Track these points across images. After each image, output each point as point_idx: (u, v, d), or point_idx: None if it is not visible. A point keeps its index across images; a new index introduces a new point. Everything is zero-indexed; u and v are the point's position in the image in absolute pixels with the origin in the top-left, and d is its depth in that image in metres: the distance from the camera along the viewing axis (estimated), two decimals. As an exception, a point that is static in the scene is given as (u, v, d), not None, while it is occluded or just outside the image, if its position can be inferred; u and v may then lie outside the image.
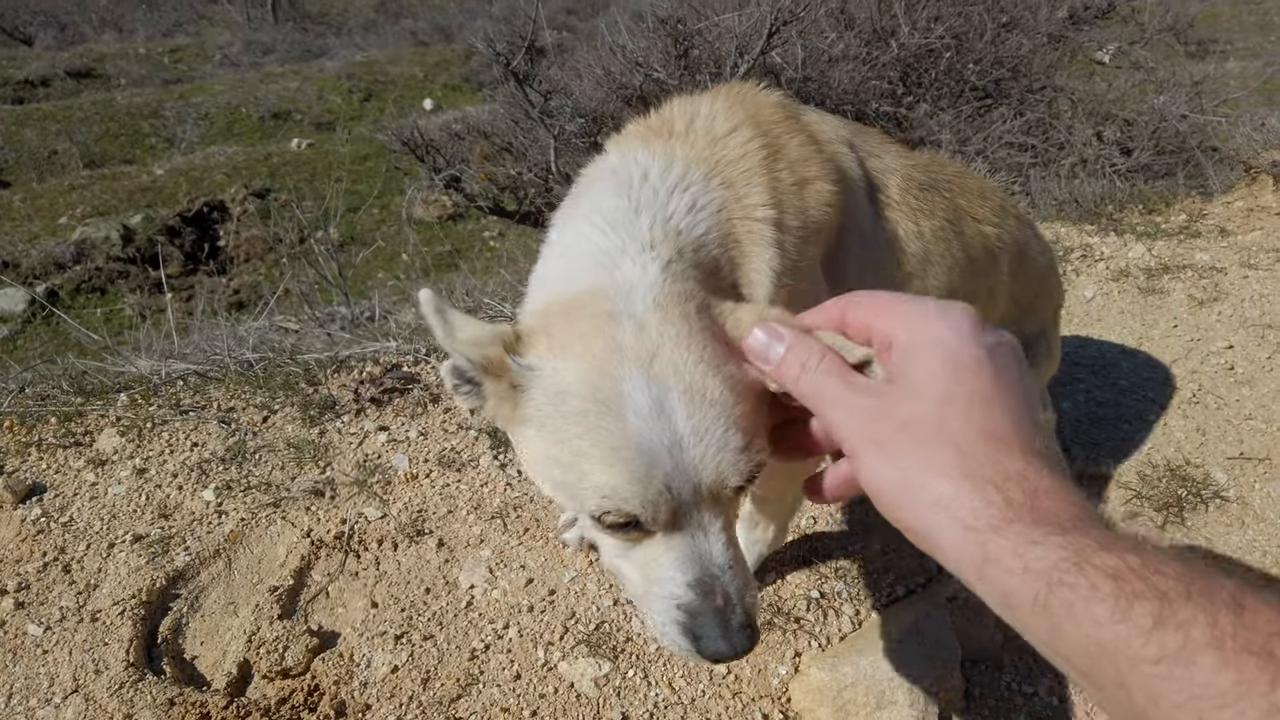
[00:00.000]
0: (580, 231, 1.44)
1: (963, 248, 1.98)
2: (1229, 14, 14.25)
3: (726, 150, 1.58)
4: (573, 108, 6.06)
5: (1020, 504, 0.71)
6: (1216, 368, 2.95)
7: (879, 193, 1.84)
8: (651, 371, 1.17)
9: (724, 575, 1.24)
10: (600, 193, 1.50)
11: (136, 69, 16.44)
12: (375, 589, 2.23)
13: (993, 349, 0.83)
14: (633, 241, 1.38)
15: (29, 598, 2.13)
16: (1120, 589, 0.61)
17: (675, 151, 1.55)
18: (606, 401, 1.17)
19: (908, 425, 0.79)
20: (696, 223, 1.45)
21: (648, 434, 1.16)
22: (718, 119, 1.63)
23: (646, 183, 1.49)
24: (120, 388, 2.89)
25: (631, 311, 1.23)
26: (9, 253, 8.68)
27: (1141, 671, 0.58)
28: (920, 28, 6.96)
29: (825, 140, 1.75)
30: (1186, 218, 3.92)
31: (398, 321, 3.79)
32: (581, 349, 1.20)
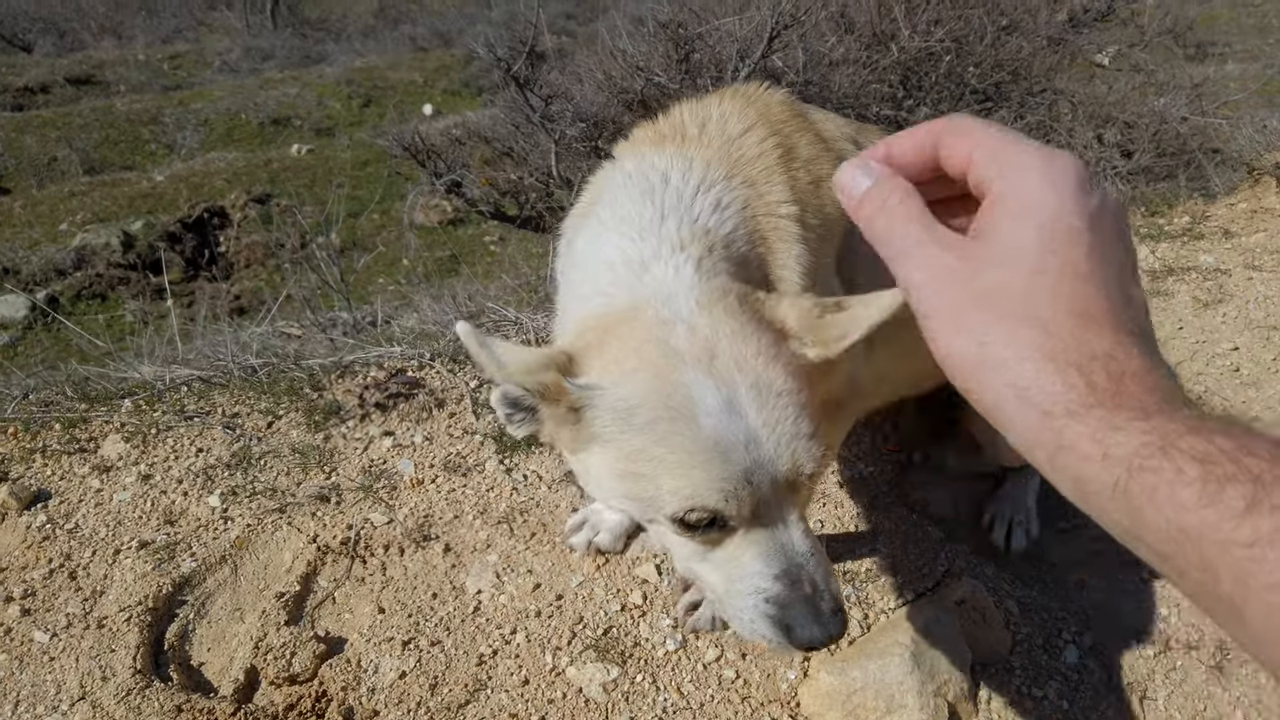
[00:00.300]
0: (606, 240, 1.44)
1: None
2: (1227, 17, 14.26)
3: (743, 150, 1.58)
4: (574, 112, 6.06)
5: (1104, 388, 0.66)
6: (1222, 369, 2.95)
7: None
8: (715, 371, 1.19)
9: (808, 564, 1.27)
10: (621, 200, 1.50)
11: (136, 75, 16.43)
12: (382, 595, 2.22)
13: (1095, 215, 0.74)
14: (663, 245, 1.38)
15: (35, 604, 2.12)
16: (1209, 472, 0.58)
17: (693, 154, 1.55)
18: (678, 408, 1.18)
19: (991, 294, 0.72)
20: (724, 220, 1.46)
21: (723, 432, 1.17)
22: (730, 120, 1.63)
23: (669, 186, 1.49)
24: (124, 394, 2.89)
25: (678, 316, 1.25)
26: (9, 259, 8.67)
27: (1232, 555, 0.56)
28: (920, 31, 6.96)
29: (831, 138, 1.77)
30: (1190, 219, 3.92)
31: (401, 327, 3.79)
32: (638, 361, 1.22)
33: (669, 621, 2.15)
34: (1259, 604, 0.55)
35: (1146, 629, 2.17)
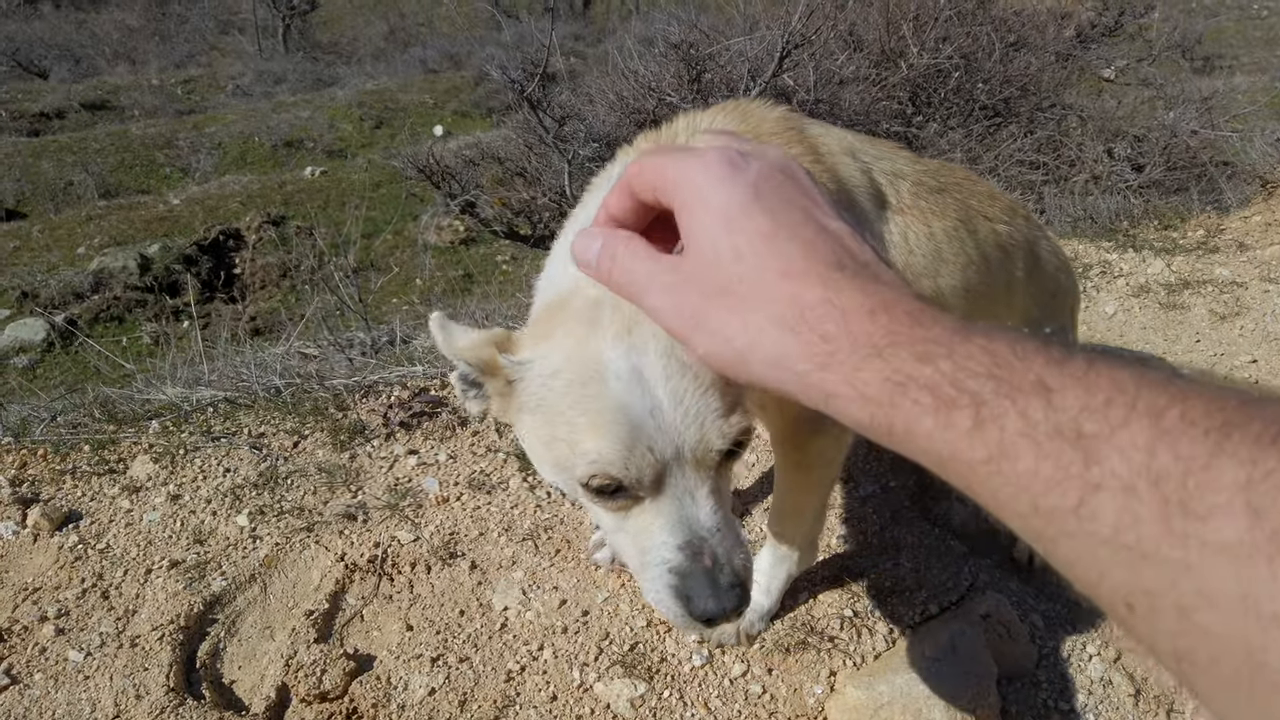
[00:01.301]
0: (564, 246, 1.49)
1: (976, 245, 2.01)
2: (1234, 30, 14.30)
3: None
4: (586, 132, 6.12)
5: (835, 333, 0.68)
6: (1241, 382, 2.95)
7: (889, 198, 1.88)
8: (630, 340, 1.21)
9: (712, 537, 1.28)
10: (594, 202, 1.55)
11: (150, 100, 16.64)
12: (410, 612, 2.24)
13: (756, 180, 0.79)
14: None
15: (69, 624, 2.15)
16: (938, 400, 0.60)
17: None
18: (590, 373, 1.22)
19: (714, 294, 0.76)
20: None
21: (628, 398, 1.20)
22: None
23: None
24: (151, 415, 2.92)
25: (608, 294, 1.21)
26: (28, 283, 8.77)
27: (978, 474, 0.58)
28: (929, 48, 7.01)
29: (825, 152, 1.78)
30: (1204, 233, 3.93)
31: (420, 346, 3.82)
32: (563, 334, 1.27)
33: (695, 636, 2.16)
34: (1011, 516, 0.57)
35: (1171, 641, 2.17)
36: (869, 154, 1.90)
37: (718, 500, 1.30)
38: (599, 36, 17.18)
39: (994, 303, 2.12)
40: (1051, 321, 2.37)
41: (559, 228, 4.97)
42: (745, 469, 2.68)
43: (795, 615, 2.21)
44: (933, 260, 1.90)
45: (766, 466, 2.67)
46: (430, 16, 23.01)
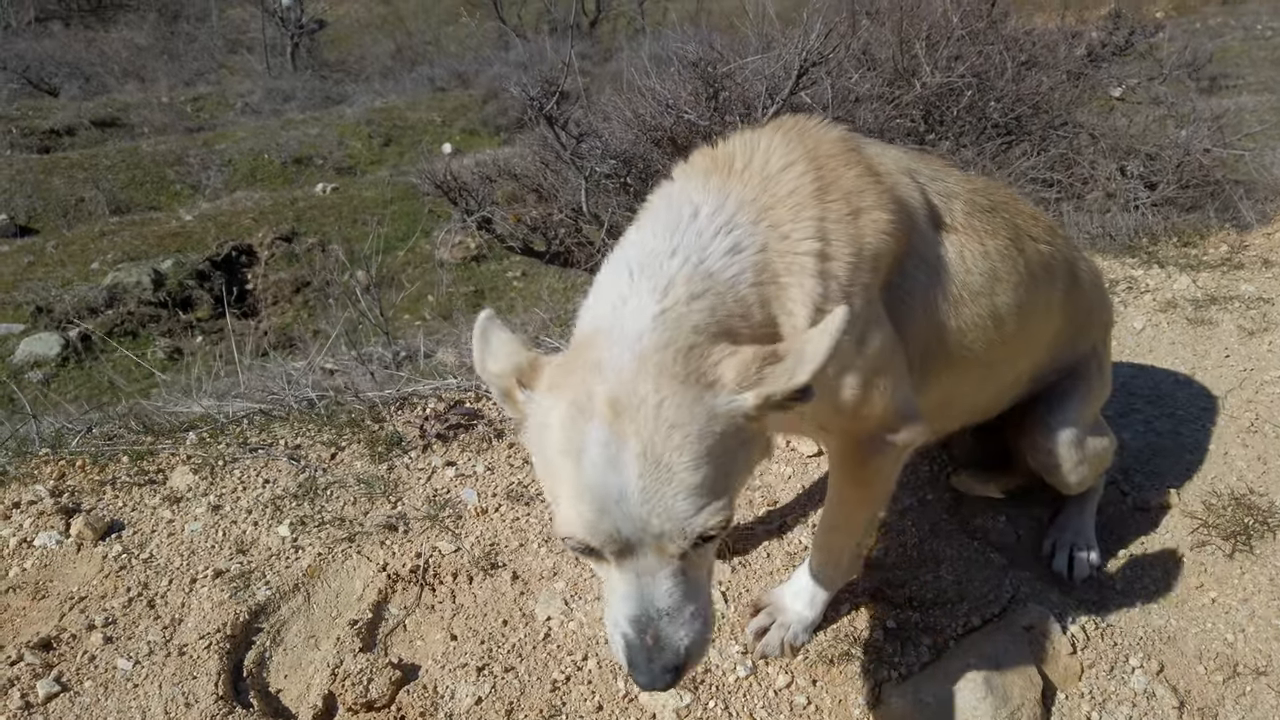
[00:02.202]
0: (616, 270, 1.55)
1: (1025, 264, 2.04)
2: (1239, 50, 14.39)
3: (778, 187, 1.64)
4: (603, 149, 6.16)
5: None
6: (1272, 397, 2.97)
7: (944, 217, 1.90)
8: (615, 427, 1.30)
9: (660, 619, 1.39)
10: (649, 226, 1.61)
11: (160, 117, 16.70)
12: (453, 622, 2.25)
13: None
14: (649, 282, 1.48)
15: (116, 632, 2.16)
16: None
17: (730, 190, 1.63)
18: (572, 448, 1.33)
19: None
20: (731, 264, 1.54)
21: (600, 484, 1.30)
22: (774, 155, 1.69)
23: (695, 223, 1.58)
24: (187, 427, 2.94)
25: (613, 362, 1.36)
26: (43, 298, 8.79)
27: None
28: (941, 67, 7.05)
29: (885, 172, 1.80)
30: (1227, 249, 3.96)
31: (441, 361, 3.84)
32: (564, 394, 1.37)
33: (738, 648, 2.17)
34: None
35: (1213, 654, 2.18)
36: (924, 174, 1.91)
37: (678, 581, 1.39)
38: (606, 55, 17.27)
39: (1037, 321, 2.13)
40: (1083, 340, 2.39)
41: (574, 244, 4.98)
42: (782, 481, 2.69)
43: (838, 626, 2.22)
44: (989, 279, 1.91)
45: (804, 479, 2.68)
46: (438, 35, 23.15)
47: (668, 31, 11.59)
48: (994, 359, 2.03)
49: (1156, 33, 9.24)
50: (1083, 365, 2.38)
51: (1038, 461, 2.38)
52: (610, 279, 1.55)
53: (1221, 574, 2.37)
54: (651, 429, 1.30)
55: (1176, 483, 2.65)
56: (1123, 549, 2.47)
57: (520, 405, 1.44)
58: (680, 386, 1.33)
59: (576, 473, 1.32)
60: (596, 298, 1.55)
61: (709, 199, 1.60)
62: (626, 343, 1.38)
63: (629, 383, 1.33)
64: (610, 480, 1.30)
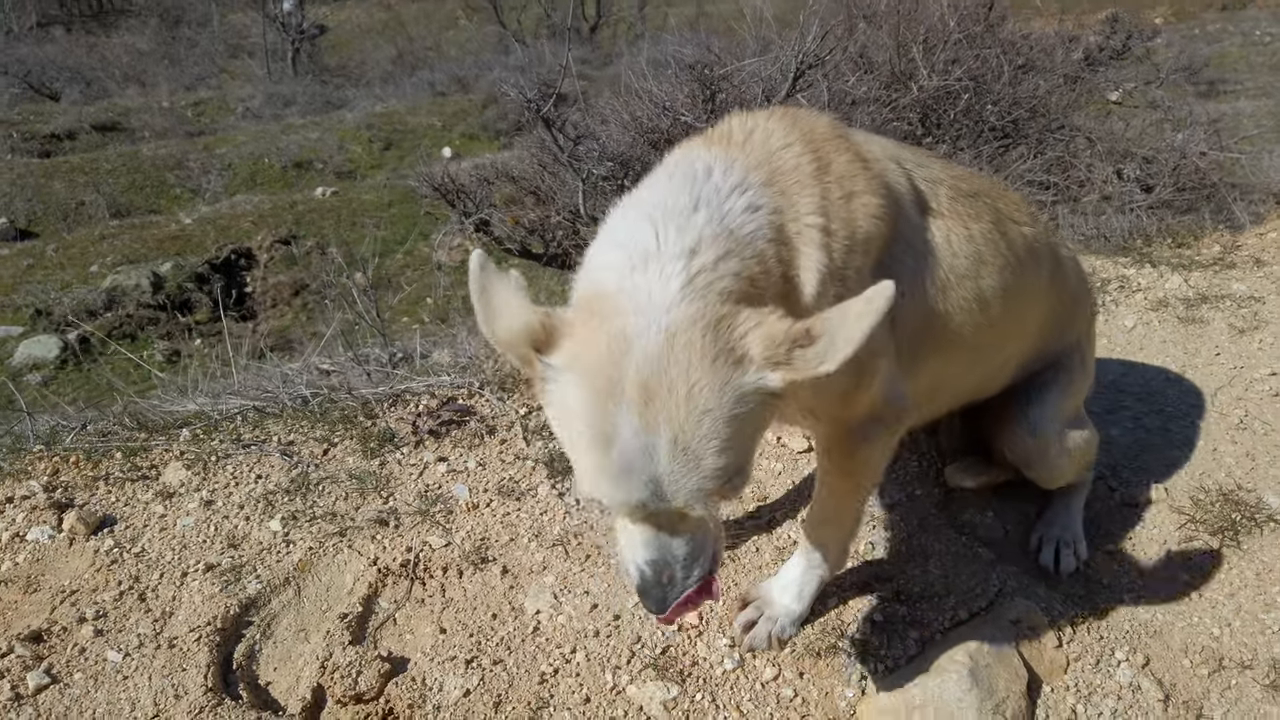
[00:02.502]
0: (632, 218, 1.52)
1: (1009, 247, 2.06)
2: (1237, 54, 14.42)
3: (782, 162, 1.67)
4: (601, 151, 6.17)
5: None
6: (1261, 394, 2.98)
7: (930, 202, 1.92)
8: (646, 415, 1.31)
9: (676, 565, 1.49)
10: (663, 183, 1.60)
11: (160, 122, 16.74)
12: (443, 615, 2.26)
13: None
14: (676, 242, 1.44)
15: (107, 625, 2.17)
16: None
17: (736, 156, 1.64)
18: (603, 433, 1.34)
19: None
20: (748, 222, 1.53)
21: (632, 466, 1.34)
22: (773, 135, 1.71)
23: (710, 179, 1.57)
24: (181, 423, 2.95)
25: (641, 337, 1.34)
26: (42, 300, 8.82)
27: None
28: (938, 71, 7.07)
29: (872, 158, 1.82)
30: (1220, 249, 3.97)
31: (436, 361, 3.85)
32: (592, 369, 1.35)
33: (725, 641, 2.18)
34: None
35: (1199, 648, 2.19)
36: (910, 160, 1.94)
37: (695, 532, 1.48)
38: (606, 60, 17.31)
39: (1024, 305, 2.15)
40: (1069, 330, 2.40)
41: (572, 246, 4.99)
42: (772, 477, 2.70)
43: (826, 620, 2.23)
44: (974, 262, 1.93)
45: (794, 475, 2.69)
46: (438, 40, 23.20)
47: (667, 36, 11.62)
48: (981, 343, 2.04)
49: (1153, 37, 9.26)
50: (1065, 357, 2.39)
51: (1015, 455, 2.40)
52: (628, 226, 1.51)
53: (1208, 569, 2.38)
54: (684, 417, 1.31)
55: (1165, 478, 2.66)
56: (1110, 544, 2.48)
57: (538, 372, 1.41)
58: (710, 368, 1.33)
59: (605, 457, 1.34)
60: (612, 245, 1.50)
61: (718, 162, 1.62)
62: (654, 314, 1.35)
63: (659, 365, 1.32)
64: (641, 466, 1.33)
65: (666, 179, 1.61)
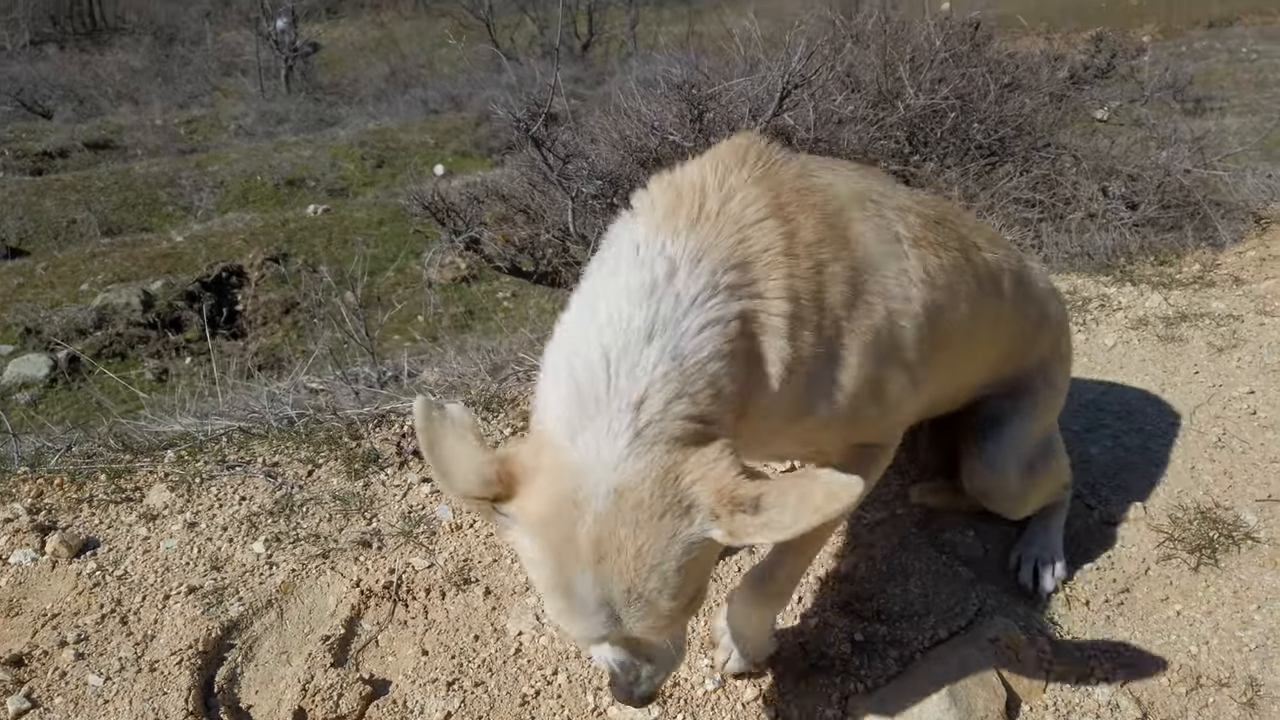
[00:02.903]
0: (590, 343, 1.44)
1: (974, 274, 2.02)
2: (1224, 72, 14.55)
3: (753, 243, 1.57)
4: (590, 170, 6.21)
5: None
6: (1240, 413, 3.01)
7: (902, 235, 1.85)
8: (600, 573, 1.40)
9: (642, 668, 1.62)
10: (619, 286, 1.49)
11: (153, 139, 16.77)
12: (425, 637, 2.27)
13: None
14: (627, 389, 1.39)
15: (88, 649, 2.17)
16: None
17: (705, 240, 1.53)
18: (560, 587, 1.44)
19: None
20: (706, 343, 1.46)
21: (590, 613, 1.44)
22: (749, 204, 1.61)
23: (672, 286, 1.48)
24: (166, 445, 2.96)
25: (591, 502, 1.38)
26: (32, 319, 8.80)
27: None
28: (925, 89, 7.13)
29: (839, 208, 1.74)
30: (1200, 268, 4.01)
31: (425, 381, 3.86)
32: (546, 524, 1.42)
33: (707, 662, 2.19)
34: None
35: (1177, 666, 2.20)
36: (877, 192, 1.88)
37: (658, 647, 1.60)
38: (598, 79, 17.40)
39: (984, 330, 2.11)
40: (1031, 352, 2.34)
41: (561, 264, 4.99)
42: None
43: (806, 640, 2.23)
44: (950, 293, 1.89)
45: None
46: (431, 58, 23.29)
47: (657, 55, 11.69)
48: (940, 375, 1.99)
49: (1138, 55, 9.36)
50: (1028, 379, 2.32)
51: (974, 489, 2.36)
52: (584, 349, 1.44)
53: (1186, 587, 2.40)
54: (634, 572, 1.40)
55: (1144, 497, 2.68)
56: (1089, 562, 2.49)
57: (499, 524, 1.49)
58: (657, 525, 1.39)
59: (565, 602, 1.45)
60: (567, 374, 1.44)
61: (684, 251, 1.51)
62: (603, 473, 1.38)
63: (609, 525, 1.38)
64: (599, 612, 1.44)
65: (626, 273, 1.50)
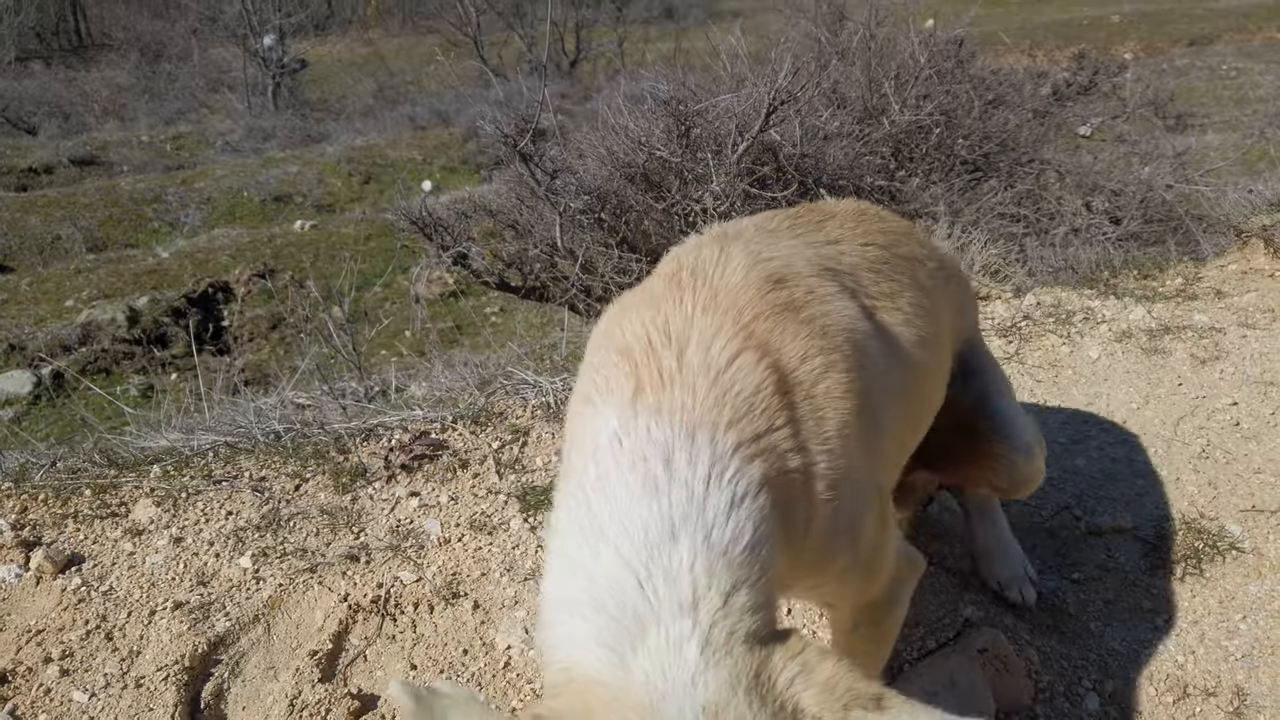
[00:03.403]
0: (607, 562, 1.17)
1: (924, 293, 1.91)
2: (1204, 89, 14.72)
3: (737, 387, 1.34)
4: (578, 185, 6.23)
5: None
6: (1223, 424, 3.03)
7: (864, 303, 1.71)
8: None
9: None
10: (621, 494, 1.23)
11: (139, 156, 16.75)
12: (413, 651, 2.26)
13: None
14: (670, 596, 1.13)
15: (73, 665, 2.15)
16: None
17: (694, 419, 1.29)
18: None
19: None
20: (745, 519, 1.22)
21: None
22: (714, 347, 1.37)
23: (675, 478, 1.22)
24: (151, 460, 2.95)
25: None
26: (15, 335, 8.75)
27: None
28: (910, 106, 7.19)
29: (808, 301, 1.53)
30: (1183, 281, 4.05)
31: (412, 396, 3.86)
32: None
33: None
34: None
35: (1164, 676, 2.21)
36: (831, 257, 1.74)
37: None
38: (585, 95, 17.46)
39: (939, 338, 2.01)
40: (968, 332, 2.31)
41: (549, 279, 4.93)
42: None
43: (795, 652, 2.23)
44: (918, 345, 1.80)
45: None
46: (419, 75, 23.33)
47: (644, 71, 11.76)
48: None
49: (1120, 72, 9.46)
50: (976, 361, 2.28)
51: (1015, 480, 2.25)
52: (601, 571, 1.16)
53: (1173, 597, 2.41)
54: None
55: (1129, 507, 2.70)
56: (1076, 573, 2.50)
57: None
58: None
59: None
60: (588, 605, 1.14)
61: (678, 440, 1.26)
62: (681, 697, 1.05)
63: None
64: None
65: (618, 475, 1.25)
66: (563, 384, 3.21)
